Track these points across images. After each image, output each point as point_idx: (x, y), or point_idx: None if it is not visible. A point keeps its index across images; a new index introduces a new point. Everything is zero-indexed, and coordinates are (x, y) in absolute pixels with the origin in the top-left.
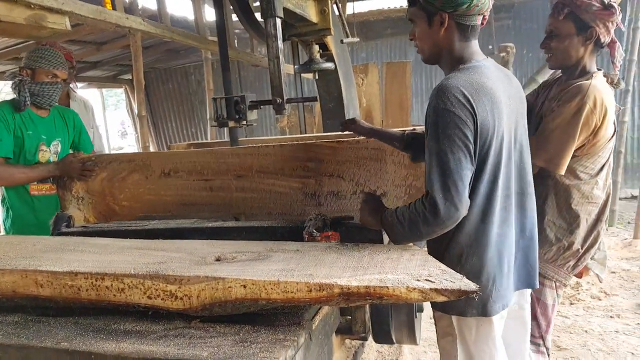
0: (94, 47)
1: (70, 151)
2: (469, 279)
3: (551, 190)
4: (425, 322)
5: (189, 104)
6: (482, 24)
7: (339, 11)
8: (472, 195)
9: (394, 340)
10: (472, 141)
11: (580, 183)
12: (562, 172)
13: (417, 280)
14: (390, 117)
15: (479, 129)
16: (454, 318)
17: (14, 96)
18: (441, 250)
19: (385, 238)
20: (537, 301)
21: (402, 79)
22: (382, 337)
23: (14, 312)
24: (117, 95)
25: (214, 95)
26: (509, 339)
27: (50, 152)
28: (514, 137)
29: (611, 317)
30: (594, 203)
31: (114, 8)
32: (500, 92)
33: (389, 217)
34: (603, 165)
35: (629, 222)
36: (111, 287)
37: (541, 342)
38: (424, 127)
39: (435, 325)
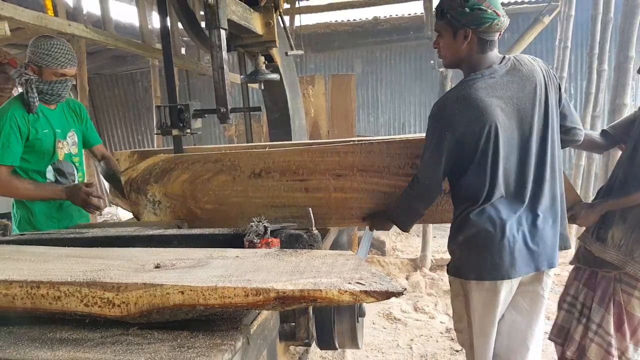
0: None
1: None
2: (468, 243)
3: None
4: (367, 326)
5: (135, 111)
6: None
7: (283, 24)
8: (477, 184)
9: (337, 346)
10: (449, 147)
11: None
12: None
13: (349, 283)
14: (336, 127)
15: (462, 138)
16: (461, 281)
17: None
18: (453, 227)
19: (326, 245)
20: (625, 313)
21: (347, 91)
22: (326, 342)
23: None
24: None
25: (161, 102)
26: (515, 314)
27: (68, 145)
28: (523, 132)
29: None
30: None
31: (55, 14)
32: (495, 99)
33: (393, 210)
34: None
35: None
36: (47, 295)
37: (622, 355)
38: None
39: (450, 286)
